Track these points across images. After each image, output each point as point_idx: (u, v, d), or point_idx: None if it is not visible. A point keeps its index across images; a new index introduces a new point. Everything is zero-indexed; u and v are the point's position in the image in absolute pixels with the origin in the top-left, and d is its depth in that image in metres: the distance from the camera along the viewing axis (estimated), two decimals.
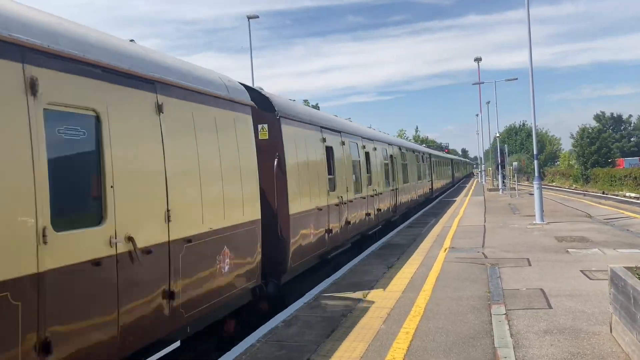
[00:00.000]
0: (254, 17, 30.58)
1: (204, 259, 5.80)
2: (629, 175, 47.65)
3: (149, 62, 5.31)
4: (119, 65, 4.66)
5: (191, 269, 5.47)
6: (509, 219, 18.39)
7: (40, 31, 3.95)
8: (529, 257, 10.57)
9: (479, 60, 45.27)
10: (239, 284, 6.58)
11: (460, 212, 21.98)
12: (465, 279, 8.94)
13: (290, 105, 9.69)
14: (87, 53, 4.32)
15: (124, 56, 4.90)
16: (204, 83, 6.20)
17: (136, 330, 4.61)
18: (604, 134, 72.16)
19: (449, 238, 14.04)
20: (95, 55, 4.43)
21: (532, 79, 17.67)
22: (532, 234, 14.22)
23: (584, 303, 7.03)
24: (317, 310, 7.44)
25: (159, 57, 5.76)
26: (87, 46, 4.40)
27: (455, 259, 10.79)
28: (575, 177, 65.58)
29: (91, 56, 4.37)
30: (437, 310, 7.07)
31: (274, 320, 6.98)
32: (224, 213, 6.22)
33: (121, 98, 4.70)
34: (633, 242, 12.14)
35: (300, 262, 8.81)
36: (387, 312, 7.11)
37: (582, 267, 9.31)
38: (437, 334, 6.10)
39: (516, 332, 6.02)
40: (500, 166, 36.44)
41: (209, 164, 6.00)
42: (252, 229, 7.00)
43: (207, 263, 5.85)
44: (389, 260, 11.22)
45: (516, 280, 8.58)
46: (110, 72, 4.55)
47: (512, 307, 7.02)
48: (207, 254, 5.85)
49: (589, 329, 6.01)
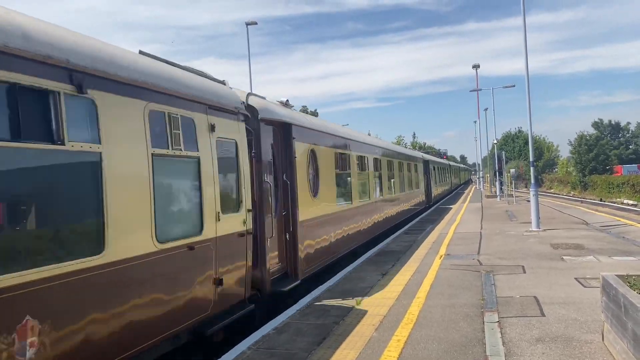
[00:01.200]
0: (252, 24, 30.65)
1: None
2: (626, 182, 47.63)
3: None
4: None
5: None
6: (506, 226, 18.37)
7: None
8: (524, 265, 10.54)
9: (477, 67, 45.35)
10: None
11: (457, 219, 21.96)
12: (459, 286, 8.91)
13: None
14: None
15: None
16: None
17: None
18: (601, 141, 72.29)
19: (444, 245, 14.01)
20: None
21: (529, 89, 17.72)
22: (527, 241, 14.20)
23: (577, 311, 7.01)
24: (309, 318, 7.40)
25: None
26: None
27: (451, 266, 10.76)
28: (573, 184, 65.56)
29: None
30: (429, 318, 7.03)
31: (265, 327, 6.94)
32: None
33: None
34: (628, 249, 12.12)
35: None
36: (380, 320, 7.08)
37: (577, 275, 9.28)
38: (428, 342, 6.07)
39: (508, 340, 5.99)
40: (498, 173, 36.45)
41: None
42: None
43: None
44: (383, 267, 11.19)
45: (510, 288, 8.55)
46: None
47: (505, 315, 6.99)
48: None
49: (581, 337, 5.98)
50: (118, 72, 4.81)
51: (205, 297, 5.94)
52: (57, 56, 4.13)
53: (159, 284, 5.13)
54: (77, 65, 4.29)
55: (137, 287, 4.82)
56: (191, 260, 5.66)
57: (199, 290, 5.80)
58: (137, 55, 5.58)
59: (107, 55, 4.83)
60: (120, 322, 4.57)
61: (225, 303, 6.43)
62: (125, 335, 4.64)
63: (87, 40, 4.76)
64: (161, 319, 5.14)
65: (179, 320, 5.46)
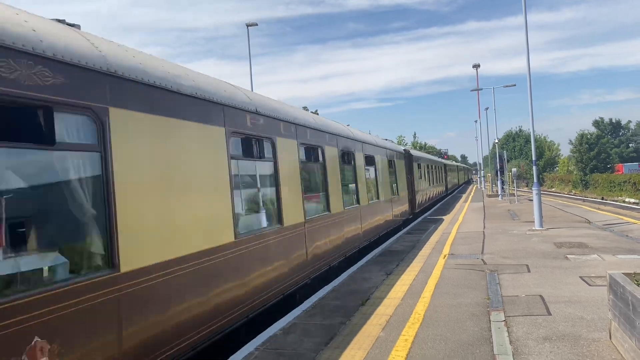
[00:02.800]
0: (252, 25, 30.70)
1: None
2: (628, 180, 47.69)
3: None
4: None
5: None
6: (508, 225, 18.38)
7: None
8: (528, 264, 10.56)
9: (477, 67, 45.44)
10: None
11: (460, 218, 21.97)
12: (464, 285, 8.92)
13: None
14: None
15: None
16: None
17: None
18: (602, 139, 72.35)
19: (448, 244, 14.02)
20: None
21: (530, 88, 17.75)
22: (531, 240, 14.21)
23: (583, 309, 7.02)
24: (315, 318, 7.41)
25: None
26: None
27: (455, 266, 10.77)
28: (575, 182, 65.64)
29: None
30: (436, 317, 7.05)
31: (272, 328, 6.96)
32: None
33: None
34: (632, 247, 12.13)
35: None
36: (386, 320, 7.09)
37: (581, 274, 9.30)
38: (436, 341, 6.08)
39: (515, 338, 6.01)
40: (499, 172, 36.47)
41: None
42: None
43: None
44: (388, 267, 11.21)
45: (515, 287, 8.57)
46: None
47: (511, 314, 7.00)
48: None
49: (588, 335, 5.99)
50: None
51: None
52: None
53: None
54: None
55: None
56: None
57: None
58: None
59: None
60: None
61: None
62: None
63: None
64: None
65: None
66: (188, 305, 5.42)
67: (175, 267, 5.20)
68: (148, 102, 5.09)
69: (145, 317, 4.74)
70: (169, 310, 5.08)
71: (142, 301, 4.69)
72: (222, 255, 6.13)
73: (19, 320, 3.45)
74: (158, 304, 4.93)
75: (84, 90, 4.25)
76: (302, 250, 8.97)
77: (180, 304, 5.29)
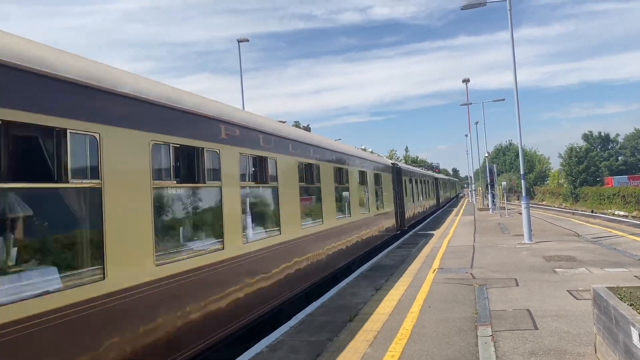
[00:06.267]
0: (244, 41, 30.87)
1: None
2: (617, 193, 48.05)
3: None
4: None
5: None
6: (498, 239, 18.44)
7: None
8: (516, 277, 10.58)
9: (467, 81, 45.94)
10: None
11: (451, 232, 22.02)
12: (452, 300, 8.92)
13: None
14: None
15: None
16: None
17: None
18: (591, 152, 73.01)
19: (438, 258, 14.03)
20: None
21: (518, 104, 17.94)
22: (520, 253, 14.26)
23: (570, 323, 7.03)
24: (303, 334, 7.37)
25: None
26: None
27: (444, 280, 10.77)
28: (565, 195, 66.04)
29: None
30: (423, 333, 7.03)
31: (258, 345, 6.90)
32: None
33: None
34: (620, 260, 12.20)
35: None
36: (374, 335, 7.06)
37: (569, 287, 9.33)
38: (422, 357, 6.06)
39: (502, 353, 6.00)
40: (490, 186, 36.64)
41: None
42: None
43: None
44: (377, 281, 11.18)
45: (503, 301, 8.57)
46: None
47: (499, 329, 7.00)
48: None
49: (574, 349, 6.00)
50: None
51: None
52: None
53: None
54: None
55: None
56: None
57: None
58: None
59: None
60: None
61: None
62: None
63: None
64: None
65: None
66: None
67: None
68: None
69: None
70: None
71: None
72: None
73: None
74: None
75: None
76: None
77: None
